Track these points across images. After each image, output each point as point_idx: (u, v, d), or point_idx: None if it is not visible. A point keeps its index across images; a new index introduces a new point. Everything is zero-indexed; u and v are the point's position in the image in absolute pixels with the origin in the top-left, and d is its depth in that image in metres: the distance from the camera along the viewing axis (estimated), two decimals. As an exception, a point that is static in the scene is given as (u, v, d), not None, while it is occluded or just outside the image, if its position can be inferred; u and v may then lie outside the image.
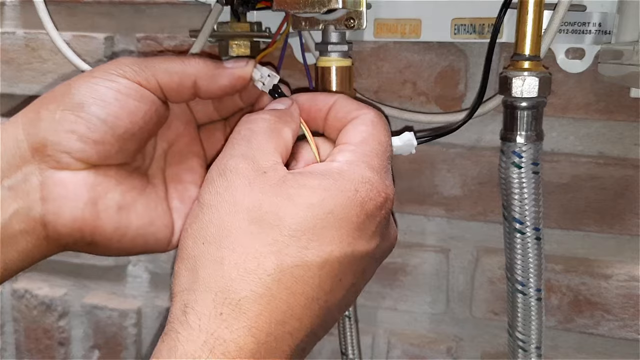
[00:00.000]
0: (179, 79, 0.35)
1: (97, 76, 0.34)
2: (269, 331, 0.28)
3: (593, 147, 0.47)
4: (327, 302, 0.30)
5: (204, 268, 0.28)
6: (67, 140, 0.33)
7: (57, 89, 0.34)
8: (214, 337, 0.26)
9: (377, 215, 0.31)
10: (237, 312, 0.27)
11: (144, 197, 0.37)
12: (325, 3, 0.37)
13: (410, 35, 0.46)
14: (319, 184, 0.30)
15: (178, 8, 0.53)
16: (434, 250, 0.53)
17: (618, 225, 0.47)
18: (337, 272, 0.30)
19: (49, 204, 0.33)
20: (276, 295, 0.28)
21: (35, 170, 0.33)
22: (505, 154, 0.40)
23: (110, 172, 0.35)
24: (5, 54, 0.59)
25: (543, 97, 0.39)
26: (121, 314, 0.63)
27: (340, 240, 0.29)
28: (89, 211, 0.34)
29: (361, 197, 0.30)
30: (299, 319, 0.29)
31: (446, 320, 0.54)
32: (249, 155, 0.31)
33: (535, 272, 0.41)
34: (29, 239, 0.34)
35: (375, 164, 0.32)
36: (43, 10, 0.49)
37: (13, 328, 0.67)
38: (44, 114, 0.33)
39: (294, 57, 0.49)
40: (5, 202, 0.32)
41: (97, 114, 0.33)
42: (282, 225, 0.29)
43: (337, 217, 0.29)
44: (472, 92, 0.48)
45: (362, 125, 0.33)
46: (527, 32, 0.38)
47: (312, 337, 0.31)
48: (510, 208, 0.40)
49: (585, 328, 0.50)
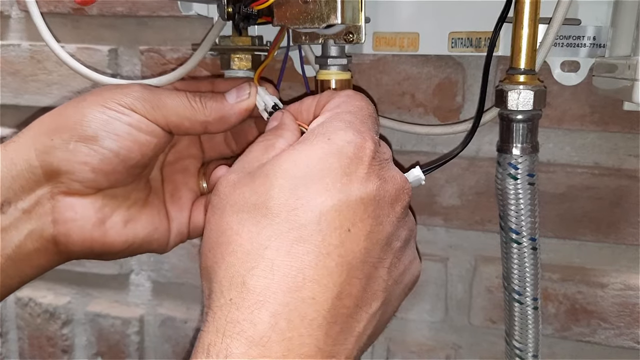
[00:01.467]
0: (189, 124, 0.37)
1: (111, 108, 0.35)
2: (283, 301, 0.26)
3: (588, 158, 0.48)
4: (344, 257, 0.28)
5: (213, 271, 0.29)
6: (81, 171, 0.34)
7: (70, 114, 0.35)
8: (225, 322, 0.26)
9: (363, 156, 0.30)
10: (245, 292, 0.27)
11: (147, 208, 0.39)
12: (325, 18, 0.38)
13: (408, 48, 0.47)
14: (291, 150, 0.30)
15: (181, 21, 0.54)
16: (432, 259, 0.54)
17: (613, 235, 0.48)
18: (340, 222, 0.28)
19: (60, 226, 0.35)
20: (279, 264, 0.27)
21: (47, 194, 0.35)
22: (501, 165, 0.41)
23: (117, 192, 0.37)
24: (10, 65, 0.60)
25: (538, 110, 0.39)
26: (124, 322, 0.64)
27: (327, 189, 0.28)
28: (97, 231, 0.36)
29: (336, 145, 0.30)
30: (315, 280, 0.27)
31: (445, 328, 0.55)
32: (237, 169, 0.32)
33: (532, 282, 0.41)
34: (42, 255, 0.36)
35: (348, 117, 0.32)
36: (40, 21, 0.50)
37: (17, 336, 0.68)
38: (58, 142, 0.34)
39: (295, 70, 0.50)
40: (20, 224, 0.34)
41: (111, 147, 0.34)
42: (266, 200, 0.28)
43: (317, 169, 0.29)
44: (469, 103, 0.49)
45: (337, 98, 0.34)
46: (522, 46, 0.39)
47: (349, 300, 0.28)
48: (507, 218, 0.41)
49: (582, 336, 0.50)
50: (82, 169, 0.34)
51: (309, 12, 0.38)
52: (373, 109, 0.35)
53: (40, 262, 0.36)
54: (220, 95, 0.38)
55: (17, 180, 0.34)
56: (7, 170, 0.34)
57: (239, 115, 0.38)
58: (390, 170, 0.32)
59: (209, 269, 0.29)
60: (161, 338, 0.63)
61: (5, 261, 0.34)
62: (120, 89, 0.36)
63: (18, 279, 0.36)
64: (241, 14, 0.37)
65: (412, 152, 0.51)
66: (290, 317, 0.26)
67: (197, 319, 0.62)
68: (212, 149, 0.43)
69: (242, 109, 0.38)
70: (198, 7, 0.49)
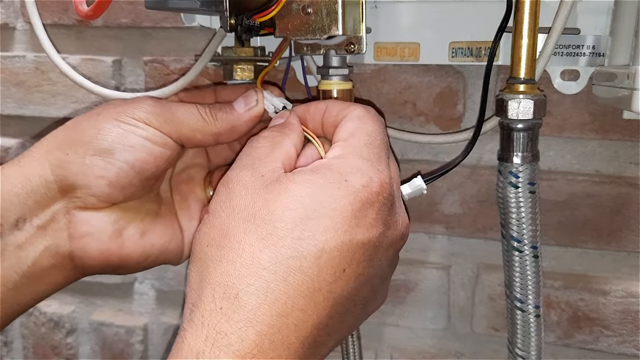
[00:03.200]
0: (201, 137, 0.37)
1: (125, 121, 0.35)
2: (270, 323, 0.28)
3: (589, 166, 0.48)
4: (332, 293, 0.30)
5: (207, 268, 0.30)
6: (97, 185, 0.34)
7: (84, 128, 0.35)
8: (215, 331, 0.27)
9: (375, 201, 0.31)
10: (236, 305, 0.28)
11: (160, 219, 0.39)
12: (326, 30, 0.39)
13: (409, 58, 0.47)
14: (307, 179, 0.31)
15: (184, 32, 0.55)
16: (434, 267, 0.54)
17: (615, 242, 0.48)
18: (338, 262, 0.30)
19: (76, 241, 0.35)
20: (274, 288, 0.28)
21: (62, 209, 0.35)
22: (502, 174, 0.41)
23: (130, 205, 0.37)
24: (15, 76, 0.60)
25: (538, 119, 0.40)
26: (128, 331, 0.64)
27: (335, 229, 0.29)
28: (114, 244, 0.36)
29: (352, 186, 0.30)
30: (302, 309, 0.29)
31: (447, 336, 0.55)
32: (249, 164, 0.32)
33: (534, 289, 0.42)
34: (58, 272, 0.36)
35: (364, 153, 0.32)
36: (43, 33, 0.50)
37: (22, 344, 0.68)
38: (73, 156, 0.34)
39: (297, 80, 0.51)
40: (36, 241, 0.34)
41: (127, 159, 0.35)
42: (274, 219, 0.29)
43: (329, 207, 0.30)
44: (470, 112, 0.50)
45: (349, 122, 0.34)
46: (522, 56, 0.39)
47: (324, 330, 0.30)
48: (508, 227, 0.41)
49: (585, 344, 0.50)
50: (98, 182, 0.34)
51: (311, 23, 0.39)
52: (384, 130, 0.35)
53: (56, 279, 0.36)
54: (228, 105, 0.38)
55: (32, 196, 0.34)
56: (22, 187, 0.34)
57: (249, 123, 0.38)
58: (395, 215, 0.33)
59: (204, 263, 0.30)
60: (165, 347, 0.64)
61: (21, 278, 0.34)
62: (133, 103, 0.36)
63: (33, 295, 0.36)
64: (244, 26, 0.37)
65: (414, 160, 0.52)
66: (274, 339, 0.28)
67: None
68: (218, 155, 0.44)
69: (252, 116, 0.38)
70: (201, 19, 0.50)
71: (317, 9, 0.38)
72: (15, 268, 0.34)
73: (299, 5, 0.38)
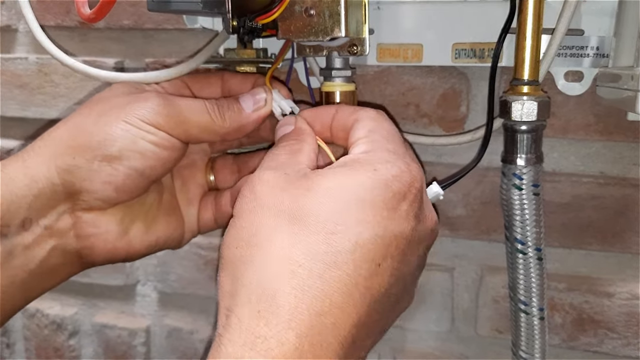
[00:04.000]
0: (209, 136, 0.37)
1: (134, 125, 0.34)
2: (310, 324, 0.26)
3: (593, 167, 0.48)
4: (369, 289, 0.29)
5: (239, 270, 0.28)
6: (104, 190, 0.35)
7: (92, 131, 0.35)
8: (254, 336, 0.26)
9: (407, 193, 0.30)
10: (275, 307, 0.26)
11: (163, 207, 0.40)
12: (329, 32, 0.38)
13: (412, 59, 0.47)
14: (336, 171, 0.30)
15: (186, 34, 0.55)
16: (438, 269, 0.54)
17: (619, 244, 0.48)
18: (373, 256, 0.28)
19: (83, 240, 0.36)
20: (311, 285, 0.27)
21: (67, 210, 0.35)
22: (506, 176, 0.41)
23: (135, 200, 0.37)
24: (18, 78, 0.60)
25: (542, 121, 0.40)
26: (130, 333, 0.64)
27: (367, 221, 0.28)
28: (121, 241, 0.36)
29: (383, 176, 0.29)
30: (340, 307, 0.27)
31: (451, 339, 0.55)
32: (274, 167, 0.32)
33: (538, 292, 0.41)
34: (66, 269, 0.36)
35: (390, 146, 0.32)
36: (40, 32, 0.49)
37: (24, 347, 0.68)
38: (81, 161, 0.34)
39: (299, 81, 0.51)
40: (43, 241, 0.35)
41: (135, 166, 0.34)
42: (304, 214, 0.28)
43: (360, 198, 0.29)
44: (474, 113, 0.49)
45: (365, 121, 0.34)
46: (526, 57, 0.39)
47: (363, 330, 0.29)
48: (512, 229, 0.41)
49: (589, 346, 0.50)
50: (105, 188, 0.34)
51: (313, 25, 0.38)
52: (399, 131, 0.35)
53: (63, 274, 0.36)
54: (236, 103, 0.38)
55: (38, 198, 0.34)
56: (28, 188, 0.34)
57: (256, 123, 0.38)
58: (426, 210, 0.32)
59: (234, 265, 0.29)
60: (167, 349, 0.64)
61: (29, 276, 0.34)
62: (140, 102, 0.35)
63: (40, 290, 0.36)
64: (246, 28, 0.37)
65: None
66: (313, 341, 0.26)
67: (204, 329, 0.62)
68: (221, 142, 0.43)
69: (259, 117, 0.38)
70: (203, 20, 0.50)
71: (320, 11, 0.38)
72: (24, 267, 0.34)
73: (301, 7, 0.38)
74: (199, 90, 0.42)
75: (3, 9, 0.60)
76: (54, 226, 0.35)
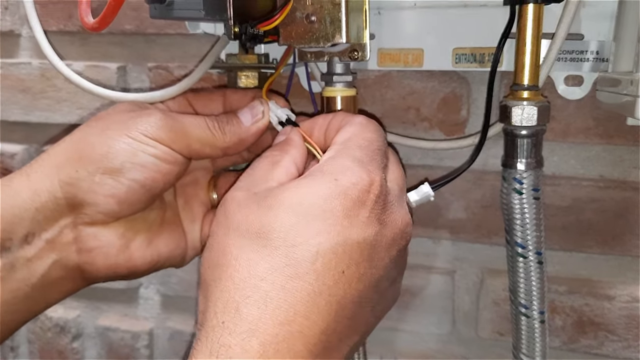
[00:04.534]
0: (210, 151, 0.37)
1: (136, 138, 0.35)
2: (274, 332, 0.27)
3: (593, 170, 0.48)
4: (334, 297, 0.29)
5: (210, 289, 0.30)
6: (106, 203, 0.35)
7: (94, 144, 0.35)
8: (219, 344, 0.27)
9: (366, 199, 0.31)
10: (237, 318, 0.28)
11: (165, 224, 0.40)
12: (330, 38, 0.39)
13: (413, 64, 0.47)
14: (298, 184, 0.31)
15: (188, 38, 0.55)
16: (439, 272, 0.54)
17: (619, 247, 0.48)
18: (335, 264, 0.29)
19: (84, 255, 0.36)
20: (273, 297, 0.28)
21: (69, 224, 0.35)
22: (506, 180, 0.41)
23: (137, 215, 0.37)
24: (21, 83, 0.61)
25: (542, 125, 0.40)
26: (133, 336, 0.64)
27: (327, 231, 0.29)
28: (122, 256, 0.36)
29: (342, 185, 0.30)
30: (305, 315, 0.28)
31: (452, 341, 0.55)
32: (244, 186, 0.33)
33: (538, 295, 0.42)
34: (67, 283, 0.36)
35: (357, 154, 0.32)
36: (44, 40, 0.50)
37: (28, 349, 0.69)
38: (83, 174, 0.34)
39: (301, 85, 0.51)
40: (45, 254, 0.35)
41: (137, 179, 0.35)
42: (268, 232, 0.29)
43: (320, 209, 0.30)
44: (474, 117, 0.50)
45: (349, 127, 0.35)
46: (526, 63, 0.39)
47: (334, 335, 0.30)
48: (512, 233, 0.41)
49: (590, 348, 0.50)
50: (107, 201, 0.35)
51: (314, 31, 0.39)
52: (383, 140, 0.35)
53: (65, 289, 0.37)
54: (235, 117, 0.38)
55: (40, 211, 0.34)
56: (31, 202, 0.34)
57: (256, 135, 0.39)
58: (393, 213, 0.33)
59: (207, 285, 0.30)
60: (170, 351, 0.64)
61: (31, 290, 0.35)
62: (142, 117, 0.36)
63: (44, 304, 0.36)
64: (248, 35, 0.37)
65: (418, 165, 0.52)
66: (279, 348, 0.27)
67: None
68: (224, 158, 0.43)
69: (258, 129, 0.39)
70: (205, 26, 0.50)
71: (321, 17, 0.38)
72: (26, 281, 0.34)
73: (302, 14, 0.38)
74: (202, 107, 0.42)
75: (6, 14, 0.60)
76: (56, 240, 0.35)
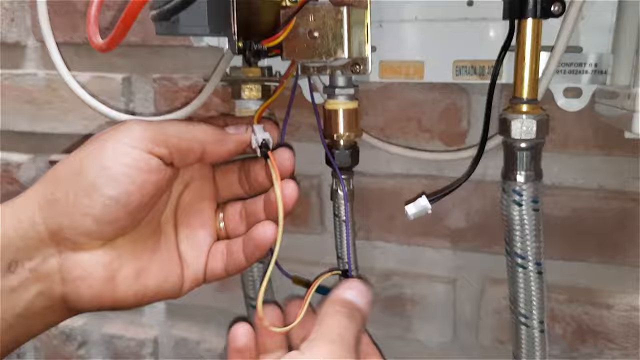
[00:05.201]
0: (188, 144, 0.36)
1: (108, 148, 0.34)
2: None
3: (593, 181, 0.49)
4: None
5: None
6: (83, 222, 0.33)
7: (68, 164, 0.35)
8: None
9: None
10: None
11: (157, 254, 0.38)
12: (332, 53, 0.39)
13: (414, 76, 0.48)
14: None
15: (192, 49, 0.56)
16: (440, 281, 0.54)
17: (618, 256, 0.49)
18: None
19: (69, 284, 0.34)
20: None
21: (54, 252, 0.34)
22: (506, 192, 0.42)
23: (126, 240, 0.36)
24: (27, 94, 0.62)
25: (541, 138, 0.40)
26: (138, 343, 0.65)
27: None
28: (106, 288, 0.35)
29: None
30: None
31: (454, 348, 0.56)
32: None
33: (538, 305, 0.42)
34: (51, 313, 0.35)
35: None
36: (57, 54, 0.51)
37: (34, 357, 0.69)
38: (59, 195, 0.34)
39: (304, 97, 0.52)
40: (29, 284, 0.34)
41: (110, 194, 0.33)
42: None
43: None
44: (475, 128, 0.50)
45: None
46: (525, 76, 0.40)
47: None
48: (512, 243, 0.42)
49: (589, 357, 0.51)
50: (84, 220, 0.33)
51: (317, 47, 0.39)
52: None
53: (49, 319, 0.35)
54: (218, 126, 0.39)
55: (23, 239, 0.33)
56: (14, 229, 0.33)
57: (236, 142, 0.38)
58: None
59: None
60: (175, 359, 0.65)
61: (15, 320, 0.34)
62: (117, 128, 0.35)
63: (28, 335, 0.35)
64: (252, 50, 0.38)
65: (419, 175, 0.52)
66: None
67: (210, 340, 0.63)
68: (226, 188, 0.43)
69: (239, 139, 0.38)
70: (209, 39, 0.51)
71: (323, 33, 0.39)
72: (10, 311, 0.33)
73: (305, 30, 0.39)
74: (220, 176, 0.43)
75: (12, 25, 0.61)
76: (40, 269, 0.34)
